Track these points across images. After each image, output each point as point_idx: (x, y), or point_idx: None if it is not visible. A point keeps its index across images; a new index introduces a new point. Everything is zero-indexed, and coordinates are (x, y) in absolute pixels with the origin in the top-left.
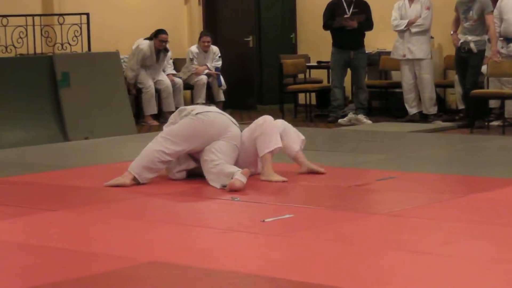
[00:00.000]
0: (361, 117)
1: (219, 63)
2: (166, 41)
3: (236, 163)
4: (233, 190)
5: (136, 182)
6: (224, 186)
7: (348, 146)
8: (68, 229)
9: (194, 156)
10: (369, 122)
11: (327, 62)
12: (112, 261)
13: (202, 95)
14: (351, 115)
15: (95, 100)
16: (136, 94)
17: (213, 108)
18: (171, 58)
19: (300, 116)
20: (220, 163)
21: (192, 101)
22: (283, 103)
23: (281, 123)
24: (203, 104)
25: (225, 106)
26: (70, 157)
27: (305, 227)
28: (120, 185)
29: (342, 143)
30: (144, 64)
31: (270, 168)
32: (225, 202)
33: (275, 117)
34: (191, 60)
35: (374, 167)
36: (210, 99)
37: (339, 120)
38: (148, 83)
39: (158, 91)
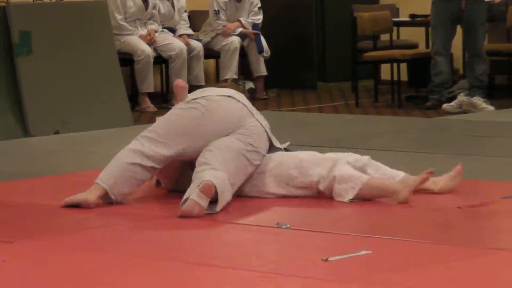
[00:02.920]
0: (478, 100)
1: (259, 18)
2: None
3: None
4: (185, 216)
5: (107, 200)
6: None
7: (457, 145)
8: (27, 268)
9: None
10: (490, 108)
11: (426, 16)
12: None
13: (233, 66)
14: (462, 98)
15: (70, 75)
16: None
17: (224, 91)
18: (185, 11)
19: (383, 99)
20: (207, 167)
21: (217, 76)
22: (357, 79)
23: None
24: (234, 80)
25: (267, 84)
26: (31, 161)
27: (390, 269)
28: (80, 203)
29: (448, 140)
30: (130, 16)
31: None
32: (266, 230)
33: (345, 101)
34: (217, 13)
35: (498, 178)
36: (246, 73)
37: (444, 106)
38: (140, 47)
39: (166, 60)
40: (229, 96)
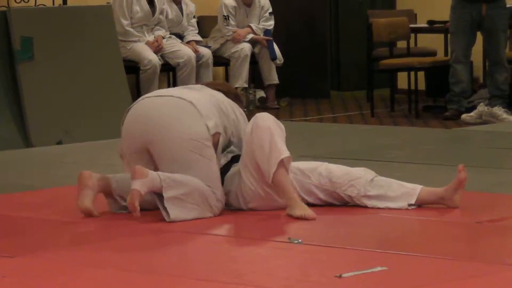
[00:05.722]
0: (499, 110)
1: (271, 24)
2: None
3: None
4: (131, 209)
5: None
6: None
7: (477, 158)
8: (28, 284)
9: None
10: None
11: (445, 22)
12: None
13: (243, 74)
14: (482, 108)
15: (74, 83)
16: None
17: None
18: (194, 16)
19: (399, 109)
20: None
21: None
22: (372, 88)
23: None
24: (244, 89)
25: (279, 93)
26: (32, 173)
27: (406, 287)
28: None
29: (467, 152)
30: (137, 22)
31: (291, 195)
32: (277, 245)
33: (360, 110)
34: (226, 18)
35: None
36: (256, 81)
37: (463, 116)
38: (147, 56)
39: (173, 67)
40: (166, 96)
